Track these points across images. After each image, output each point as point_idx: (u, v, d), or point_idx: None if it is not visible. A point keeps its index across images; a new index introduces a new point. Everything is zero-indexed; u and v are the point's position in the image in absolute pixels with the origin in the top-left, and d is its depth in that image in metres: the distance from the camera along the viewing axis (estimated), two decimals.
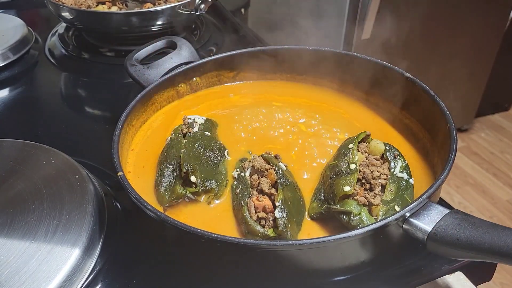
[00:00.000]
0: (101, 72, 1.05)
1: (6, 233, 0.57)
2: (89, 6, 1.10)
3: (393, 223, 0.49)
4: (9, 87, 1.01)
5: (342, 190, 0.55)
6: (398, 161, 0.61)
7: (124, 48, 1.09)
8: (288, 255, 0.50)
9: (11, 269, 0.53)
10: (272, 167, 0.60)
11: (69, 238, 0.56)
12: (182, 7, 1.05)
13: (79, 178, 0.64)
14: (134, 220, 0.63)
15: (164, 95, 0.77)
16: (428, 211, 0.49)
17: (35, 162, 0.68)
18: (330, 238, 0.47)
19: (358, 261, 0.53)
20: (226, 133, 0.73)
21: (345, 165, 0.59)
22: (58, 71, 1.08)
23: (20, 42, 1.08)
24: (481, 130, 2.62)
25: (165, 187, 0.60)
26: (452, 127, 0.60)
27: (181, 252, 0.58)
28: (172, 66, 0.79)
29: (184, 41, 0.83)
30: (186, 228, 0.48)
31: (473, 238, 0.45)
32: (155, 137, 0.72)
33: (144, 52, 0.82)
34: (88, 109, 0.95)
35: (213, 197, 0.61)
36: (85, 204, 0.60)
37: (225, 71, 0.83)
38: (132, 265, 0.58)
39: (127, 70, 0.78)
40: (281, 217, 0.54)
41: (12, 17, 1.20)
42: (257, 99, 0.80)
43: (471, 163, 2.35)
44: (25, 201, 0.61)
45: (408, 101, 0.71)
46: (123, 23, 1.03)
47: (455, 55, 2.05)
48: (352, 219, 0.54)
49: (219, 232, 0.48)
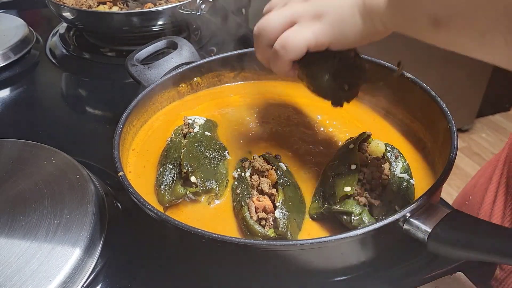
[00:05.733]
0: (102, 72, 1.06)
1: (7, 233, 0.57)
2: (90, 6, 1.10)
3: (394, 223, 0.49)
4: (10, 87, 1.01)
5: (342, 190, 0.55)
6: (398, 162, 0.61)
7: (125, 48, 1.09)
8: (288, 255, 0.50)
9: (12, 269, 0.53)
10: (273, 167, 0.60)
11: (69, 238, 0.56)
12: (183, 7, 1.05)
13: (80, 178, 0.64)
14: (134, 220, 0.63)
15: (165, 95, 0.77)
16: (429, 211, 0.49)
17: (36, 162, 0.68)
18: (331, 238, 0.47)
19: (359, 261, 0.53)
20: (227, 133, 0.73)
21: (346, 165, 0.59)
22: (59, 71, 1.08)
23: (21, 42, 1.08)
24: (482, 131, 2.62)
25: (165, 187, 0.60)
26: (453, 127, 0.60)
27: (181, 252, 0.58)
28: (173, 66, 0.79)
29: (185, 41, 0.83)
30: (186, 228, 0.48)
31: (474, 238, 0.45)
32: (155, 137, 0.72)
33: (145, 52, 0.82)
34: (89, 109, 0.96)
35: (213, 197, 0.61)
36: (86, 204, 0.60)
37: (226, 71, 0.83)
38: (133, 265, 0.58)
39: (128, 70, 0.78)
40: (282, 217, 0.54)
41: (13, 17, 1.20)
42: (258, 99, 0.80)
43: (472, 164, 2.34)
44: (25, 201, 0.61)
45: (409, 102, 0.71)
46: (124, 23, 1.03)
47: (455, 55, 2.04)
48: (352, 219, 0.54)
49: (219, 232, 0.48)
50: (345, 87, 0.60)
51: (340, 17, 0.51)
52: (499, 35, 0.39)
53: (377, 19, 0.50)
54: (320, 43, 0.53)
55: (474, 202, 0.78)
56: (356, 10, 0.50)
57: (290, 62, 0.56)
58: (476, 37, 0.41)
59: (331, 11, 0.52)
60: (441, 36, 0.45)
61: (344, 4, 0.51)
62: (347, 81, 0.60)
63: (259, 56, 0.61)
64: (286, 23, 0.54)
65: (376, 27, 0.51)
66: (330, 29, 0.52)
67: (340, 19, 0.51)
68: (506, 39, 0.38)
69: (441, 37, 0.45)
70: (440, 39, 0.45)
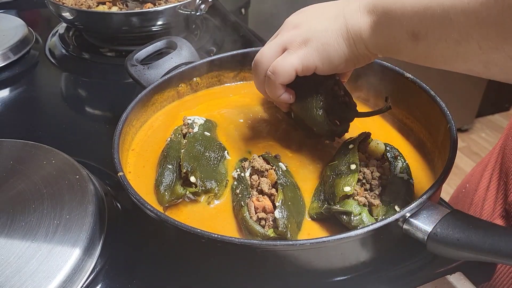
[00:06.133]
0: (101, 72, 1.06)
1: (6, 233, 0.57)
2: (89, 6, 1.10)
3: (394, 223, 0.49)
4: (10, 87, 1.01)
5: (342, 190, 0.55)
6: (398, 161, 0.61)
7: (124, 48, 1.10)
8: (288, 255, 0.50)
9: (12, 269, 0.53)
10: (272, 167, 0.60)
11: (69, 238, 0.56)
12: (182, 7, 1.05)
13: (80, 178, 0.64)
14: (134, 220, 0.63)
15: (165, 95, 0.77)
16: (429, 211, 0.49)
17: (36, 162, 0.68)
18: (330, 238, 0.47)
19: (358, 261, 0.53)
20: (226, 133, 0.73)
21: (346, 165, 0.59)
22: (58, 71, 1.08)
23: (20, 42, 1.08)
24: (481, 130, 2.62)
25: (165, 187, 0.60)
26: (453, 127, 0.60)
27: (181, 252, 0.58)
28: (172, 66, 0.79)
29: (185, 41, 0.83)
30: (186, 228, 0.48)
31: (474, 238, 0.45)
32: (155, 137, 0.72)
33: (145, 52, 0.82)
34: (88, 109, 0.96)
35: (213, 197, 0.61)
36: (85, 204, 0.60)
37: (225, 71, 0.83)
38: (133, 265, 0.58)
39: (128, 70, 0.78)
40: (281, 217, 0.54)
41: (12, 17, 1.20)
42: (257, 99, 0.80)
43: (471, 164, 2.34)
44: (25, 201, 0.61)
45: (409, 101, 0.71)
46: (124, 23, 1.03)
47: None
48: (352, 219, 0.54)
49: (219, 232, 0.48)
50: (337, 122, 0.67)
51: (325, 41, 0.55)
52: (473, 42, 0.43)
53: (360, 42, 0.54)
54: (306, 67, 0.57)
55: (470, 189, 0.80)
56: (340, 35, 0.55)
57: (281, 86, 0.61)
58: (452, 46, 0.45)
59: (317, 36, 0.56)
60: (420, 49, 0.49)
61: (329, 29, 0.55)
62: (339, 117, 0.66)
63: (257, 86, 0.65)
64: (277, 51, 0.59)
65: (359, 50, 0.55)
66: (316, 53, 0.56)
67: (325, 44, 0.55)
68: (480, 45, 0.42)
69: (421, 50, 0.49)
70: (420, 53, 0.49)
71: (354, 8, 0.54)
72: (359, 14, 0.54)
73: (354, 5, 0.55)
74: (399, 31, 0.49)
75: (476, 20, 0.41)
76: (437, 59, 0.48)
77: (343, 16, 0.55)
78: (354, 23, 0.54)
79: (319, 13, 0.58)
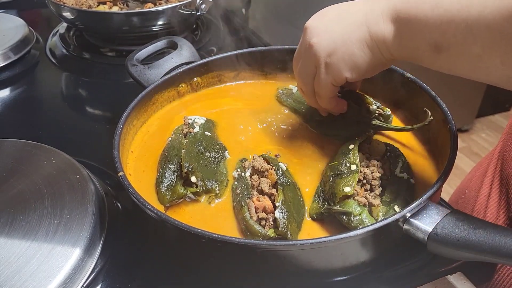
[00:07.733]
0: (102, 72, 1.06)
1: (7, 232, 0.57)
2: (90, 6, 1.10)
3: (394, 223, 0.49)
4: (10, 87, 1.01)
5: (342, 190, 0.55)
6: (398, 162, 0.61)
7: (125, 48, 1.10)
8: (288, 255, 0.50)
9: (12, 268, 0.53)
10: (272, 167, 0.60)
11: (69, 238, 0.56)
12: (183, 7, 1.05)
13: (80, 178, 0.64)
14: (134, 220, 0.63)
15: (165, 95, 0.77)
16: (429, 211, 0.49)
17: (36, 162, 0.68)
18: (330, 238, 0.47)
19: (359, 262, 0.53)
20: (227, 133, 0.73)
21: (346, 166, 0.59)
22: (59, 71, 1.08)
23: (21, 42, 1.08)
24: (481, 131, 2.62)
25: (166, 187, 0.60)
26: (453, 128, 0.60)
27: (181, 252, 0.58)
28: (172, 66, 0.79)
29: (185, 41, 0.83)
30: (186, 228, 0.48)
31: (474, 238, 0.45)
32: (155, 137, 0.72)
33: (145, 52, 0.82)
34: (89, 109, 0.96)
35: (213, 197, 0.61)
36: (86, 204, 0.60)
37: (226, 71, 0.83)
38: (133, 265, 0.58)
39: (128, 70, 0.78)
40: (281, 217, 0.54)
41: (13, 17, 1.20)
42: (257, 99, 0.80)
43: (471, 164, 2.34)
44: (26, 201, 0.61)
45: (409, 101, 0.71)
46: (124, 23, 1.03)
47: None
48: (352, 219, 0.54)
49: (219, 232, 0.48)
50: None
51: (351, 52, 0.56)
52: (496, 58, 0.43)
53: (385, 48, 0.54)
54: (340, 80, 0.59)
55: (470, 196, 0.80)
56: (364, 44, 0.55)
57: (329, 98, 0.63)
58: (474, 60, 0.45)
59: (341, 47, 0.56)
60: (442, 61, 0.49)
61: (353, 39, 0.56)
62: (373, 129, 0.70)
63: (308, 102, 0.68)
64: (312, 71, 0.61)
65: (385, 56, 0.55)
66: (343, 64, 0.57)
67: (351, 54, 0.56)
68: (502, 61, 0.42)
69: (442, 62, 0.49)
70: (441, 64, 0.50)
71: (377, 15, 0.54)
72: (382, 22, 0.53)
73: (377, 12, 0.54)
74: (421, 42, 0.50)
75: (501, 36, 0.41)
76: (459, 71, 0.49)
77: (365, 24, 0.55)
78: (377, 31, 0.54)
79: (341, 17, 0.57)
